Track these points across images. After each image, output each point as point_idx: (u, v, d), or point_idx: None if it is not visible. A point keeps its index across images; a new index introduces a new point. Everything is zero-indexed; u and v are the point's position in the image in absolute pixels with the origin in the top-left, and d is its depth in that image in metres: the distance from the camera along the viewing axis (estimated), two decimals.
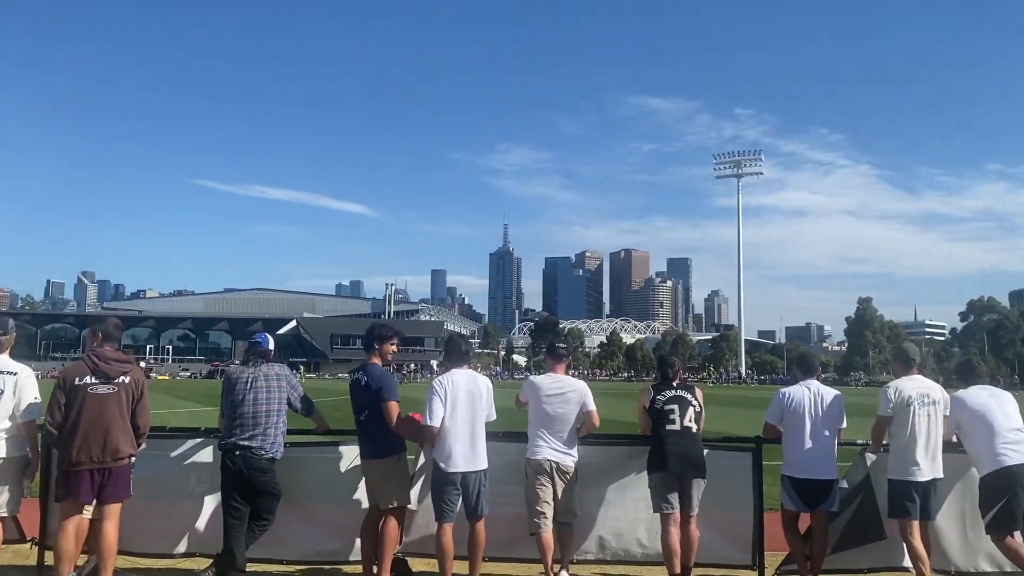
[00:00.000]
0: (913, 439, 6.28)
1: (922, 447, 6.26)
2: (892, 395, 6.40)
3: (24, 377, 6.15)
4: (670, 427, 6.47)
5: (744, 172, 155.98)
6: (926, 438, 6.28)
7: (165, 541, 6.83)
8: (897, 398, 6.37)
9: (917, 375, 6.60)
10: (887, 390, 6.48)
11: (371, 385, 6.40)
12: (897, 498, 6.27)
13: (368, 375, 6.46)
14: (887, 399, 6.40)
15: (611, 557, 6.86)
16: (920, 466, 6.23)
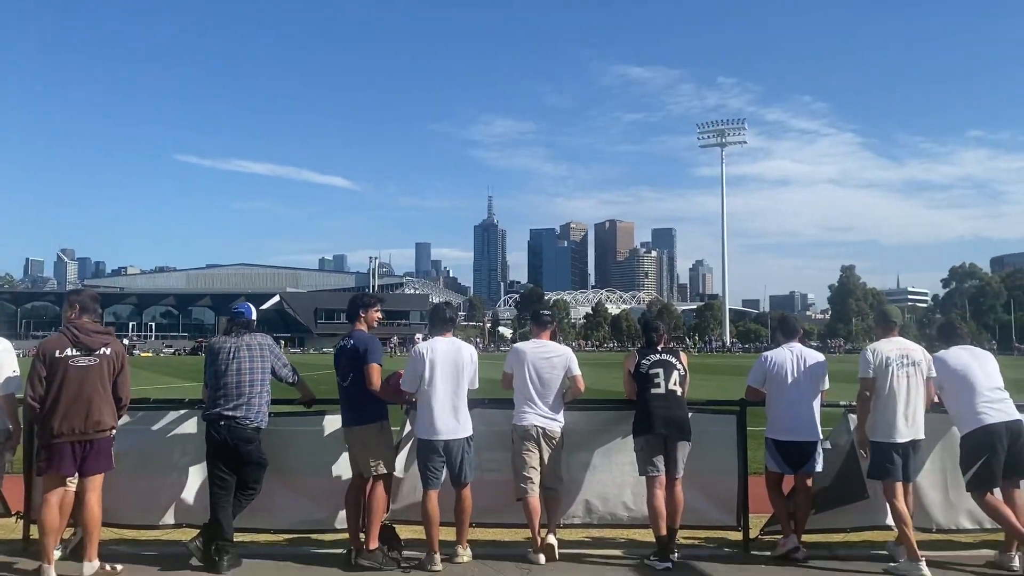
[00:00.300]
0: (893, 401, 6.30)
1: (902, 408, 6.29)
2: (872, 357, 6.42)
3: (2, 351, 6.09)
4: (655, 391, 6.50)
5: (728, 141, 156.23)
6: (906, 399, 6.30)
7: (151, 513, 6.81)
8: (877, 360, 6.39)
9: (898, 337, 6.63)
10: (867, 352, 6.51)
11: (357, 348, 6.44)
12: (878, 459, 6.30)
13: (354, 339, 6.50)
14: (867, 361, 6.43)
15: (598, 521, 6.92)
16: (900, 428, 6.27)
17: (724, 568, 6.24)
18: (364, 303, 6.72)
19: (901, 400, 6.29)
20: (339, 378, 6.50)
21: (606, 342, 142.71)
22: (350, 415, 6.43)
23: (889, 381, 6.31)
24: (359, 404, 6.38)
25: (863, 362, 6.46)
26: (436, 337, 6.60)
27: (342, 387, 6.48)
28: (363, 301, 6.74)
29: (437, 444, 6.31)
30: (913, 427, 6.30)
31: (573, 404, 6.91)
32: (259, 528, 6.85)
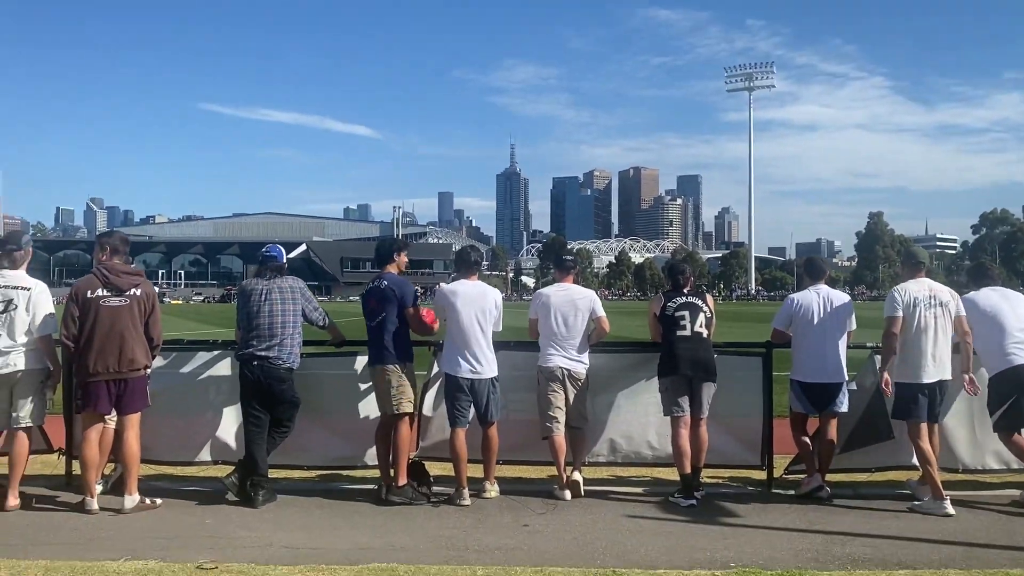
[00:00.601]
0: (920, 341, 6.25)
1: (929, 349, 6.24)
2: (899, 297, 6.35)
3: (38, 292, 6.22)
4: (681, 333, 6.52)
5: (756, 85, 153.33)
6: (933, 340, 6.25)
7: (188, 450, 7.01)
8: (905, 300, 6.32)
9: (925, 278, 6.57)
10: (895, 292, 6.44)
11: (392, 290, 6.53)
12: (904, 400, 6.29)
13: (389, 281, 6.59)
14: (895, 301, 6.36)
15: (622, 459, 7.02)
16: (927, 368, 6.23)
17: (748, 506, 6.33)
18: (398, 246, 6.86)
19: (928, 341, 6.24)
20: (367, 317, 6.58)
21: (629, 291, 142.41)
22: (377, 354, 6.52)
23: (916, 321, 6.26)
24: (387, 344, 6.47)
25: (890, 302, 6.41)
26: (463, 279, 6.68)
27: (370, 326, 6.56)
28: (397, 245, 6.88)
29: (463, 382, 6.42)
30: (940, 368, 6.27)
31: (598, 346, 6.97)
32: (292, 465, 7.03)
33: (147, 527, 5.71)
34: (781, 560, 4.97)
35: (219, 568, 4.71)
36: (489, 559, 4.98)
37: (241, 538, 5.48)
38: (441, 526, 5.78)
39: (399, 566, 4.76)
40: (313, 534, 5.58)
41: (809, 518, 5.99)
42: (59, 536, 5.51)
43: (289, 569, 4.70)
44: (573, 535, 5.59)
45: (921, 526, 5.78)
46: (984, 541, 5.42)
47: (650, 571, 4.71)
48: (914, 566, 4.86)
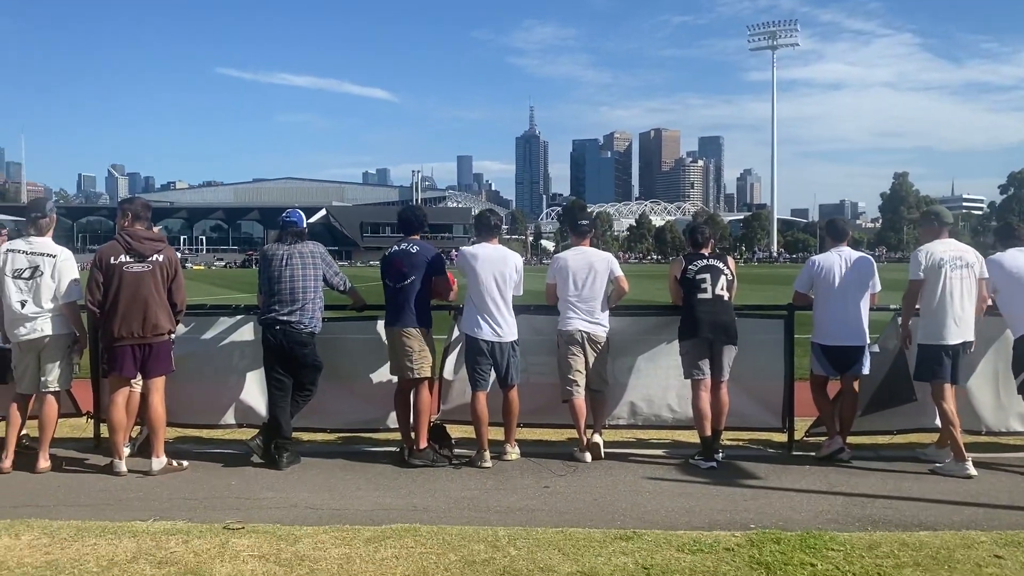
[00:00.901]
0: (944, 302, 6.17)
1: (954, 310, 6.17)
2: (923, 258, 6.26)
3: (63, 259, 6.28)
4: (702, 296, 6.48)
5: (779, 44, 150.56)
6: (959, 301, 6.18)
7: (214, 413, 7.12)
8: (929, 261, 6.23)
9: (949, 239, 6.47)
10: (918, 253, 6.34)
11: (424, 254, 6.57)
12: (928, 362, 6.22)
13: (420, 246, 6.62)
14: (918, 262, 6.28)
15: (642, 422, 7.04)
16: (950, 329, 6.16)
17: (768, 468, 6.34)
18: (425, 219, 7.01)
19: (953, 302, 6.16)
20: (391, 280, 6.57)
21: (649, 254, 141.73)
22: (398, 316, 6.52)
23: (941, 283, 6.17)
24: (411, 307, 6.48)
25: (914, 262, 6.33)
26: (483, 243, 6.70)
27: (394, 288, 6.54)
28: (426, 217, 7.05)
29: (483, 345, 6.44)
30: (964, 329, 6.20)
31: (619, 309, 6.96)
32: (316, 428, 7.13)
33: (174, 488, 5.83)
34: (801, 521, 4.99)
35: (245, 528, 4.80)
36: (510, 520, 5.04)
37: (266, 499, 5.58)
38: (462, 487, 5.85)
39: (421, 526, 4.82)
40: (336, 495, 5.67)
41: (830, 480, 6.00)
42: (89, 497, 5.63)
43: (313, 529, 4.78)
44: (593, 496, 5.63)
45: (942, 488, 5.77)
46: (1006, 503, 5.41)
47: (670, 532, 4.75)
48: (935, 527, 4.86)
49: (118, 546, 4.50)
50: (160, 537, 4.65)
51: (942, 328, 6.17)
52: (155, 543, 4.55)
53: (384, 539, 4.60)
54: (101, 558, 4.33)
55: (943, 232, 6.47)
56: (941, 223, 6.52)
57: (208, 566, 4.22)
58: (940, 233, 6.45)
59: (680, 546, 4.48)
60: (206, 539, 4.62)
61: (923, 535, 4.69)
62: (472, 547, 4.48)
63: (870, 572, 4.12)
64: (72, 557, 4.34)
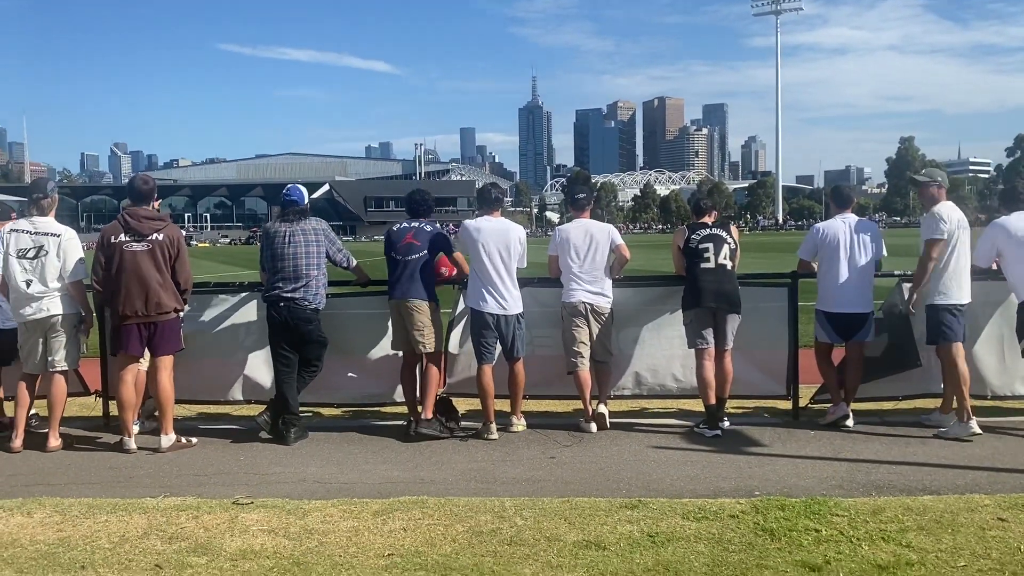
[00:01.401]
0: (960, 263, 6.23)
1: (967, 271, 6.26)
2: (947, 220, 6.21)
3: (68, 238, 6.30)
4: (705, 265, 6.47)
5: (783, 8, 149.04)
6: (967, 261, 6.27)
7: (221, 390, 7.17)
8: (952, 222, 6.22)
9: (948, 201, 6.44)
10: (939, 213, 6.25)
11: (441, 234, 6.74)
12: (948, 323, 6.17)
13: (430, 225, 6.74)
14: (942, 221, 6.19)
15: (647, 392, 7.07)
16: (964, 288, 6.24)
17: (773, 435, 6.37)
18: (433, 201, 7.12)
19: (966, 263, 6.26)
20: (399, 253, 6.56)
21: (655, 224, 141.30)
22: (407, 289, 6.50)
23: (955, 243, 6.21)
24: (420, 280, 6.51)
25: (934, 224, 6.23)
26: (486, 216, 6.70)
27: (402, 260, 6.54)
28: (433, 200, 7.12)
29: (488, 318, 6.45)
30: (969, 288, 6.30)
31: (622, 281, 6.96)
32: (323, 403, 7.19)
33: (184, 465, 5.88)
34: (806, 488, 5.02)
35: (254, 503, 4.85)
36: (516, 490, 5.08)
37: (275, 474, 5.63)
38: (469, 459, 5.89)
39: (428, 499, 4.86)
40: (344, 469, 5.72)
41: (834, 446, 6.02)
42: (99, 475, 5.69)
43: (322, 503, 4.83)
44: (599, 466, 5.67)
45: (946, 452, 5.80)
46: (1010, 466, 5.42)
47: (675, 500, 4.78)
48: (939, 491, 4.88)
49: (129, 522, 4.56)
50: (170, 513, 4.70)
51: (960, 288, 6.23)
52: (165, 519, 4.60)
53: (392, 511, 4.64)
54: (112, 534, 4.38)
55: (943, 193, 6.45)
56: (941, 185, 6.51)
57: (218, 541, 4.27)
58: (943, 195, 6.44)
59: (685, 514, 4.52)
60: (216, 514, 4.67)
61: (927, 499, 4.71)
62: (479, 517, 4.52)
63: (874, 537, 4.15)
64: (84, 534, 4.40)
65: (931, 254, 6.20)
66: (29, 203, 6.43)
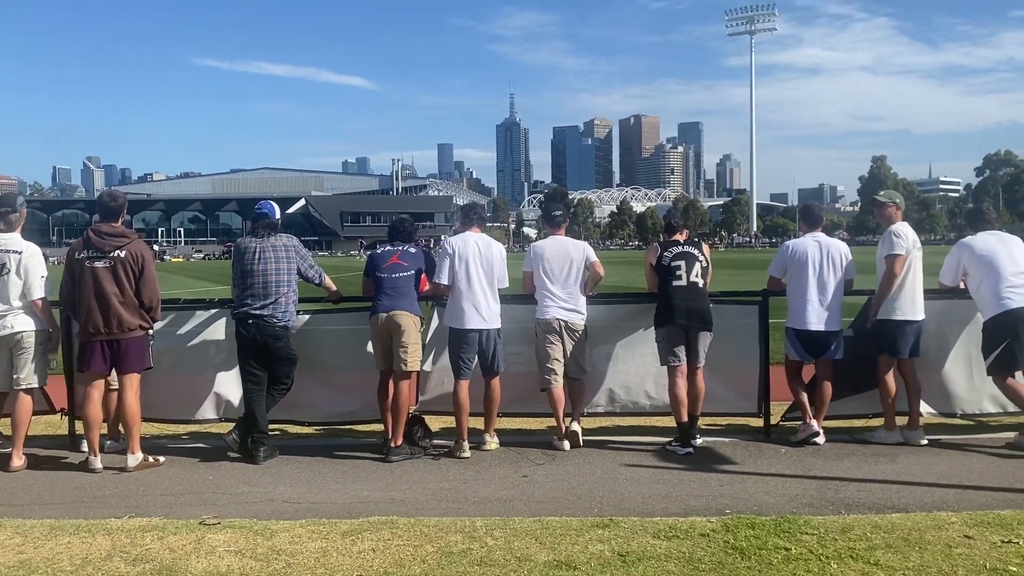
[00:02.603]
0: (915, 280, 6.50)
1: (919, 289, 6.53)
2: (905, 235, 6.50)
3: (29, 255, 6.19)
4: (676, 283, 6.50)
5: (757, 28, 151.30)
6: (920, 280, 6.54)
7: (190, 408, 7.06)
8: (909, 239, 6.50)
9: None
10: (899, 230, 6.50)
11: (427, 254, 6.77)
12: (903, 337, 6.47)
13: (418, 247, 6.81)
14: (901, 239, 6.46)
15: (620, 409, 7.08)
16: (918, 305, 6.51)
17: (744, 452, 6.39)
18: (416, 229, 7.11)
19: (919, 279, 6.51)
20: (386, 272, 6.51)
21: (631, 241, 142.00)
22: (395, 302, 6.43)
23: (911, 261, 6.46)
24: (409, 294, 6.50)
25: (893, 241, 6.48)
26: (467, 232, 6.72)
27: (391, 277, 6.49)
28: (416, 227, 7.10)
29: (470, 334, 6.45)
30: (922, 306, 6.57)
31: (596, 297, 6.98)
32: (294, 420, 7.12)
33: (150, 484, 5.79)
34: (776, 506, 5.03)
35: (221, 523, 4.78)
36: (488, 510, 5.05)
37: (243, 493, 5.55)
38: (441, 479, 5.85)
39: (398, 519, 4.82)
40: (314, 488, 5.65)
41: (805, 464, 6.05)
42: (64, 495, 5.58)
43: (290, 523, 4.76)
44: (571, 484, 5.65)
45: (915, 470, 5.85)
46: (977, 483, 5.48)
47: (646, 519, 4.77)
48: (907, 509, 4.92)
49: (92, 544, 4.47)
50: (135, 534, 4.62)
51: (916, 304, 6.48)
52: (130, 540, 4.52)
53: (361, 532, 4.59)
54: (75, 557, 4.29)
55: (900, 214, 6.72)
56: (899, 206, 6.74)
57: (183, 563, 4.19)
58: (899, 215, 6.69)
59: (656, 532, 4.51)
60: (182, 535, 4.59)
61: (895, 517, 4.74)
62: (449, 538, 4.48)
63: (843, 555, 4.16)
64: (45, 556, 4.30)
65: (894, 269, 6.41)
66: None
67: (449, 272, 6.51)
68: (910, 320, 6.46)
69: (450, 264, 6.52)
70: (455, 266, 6.50)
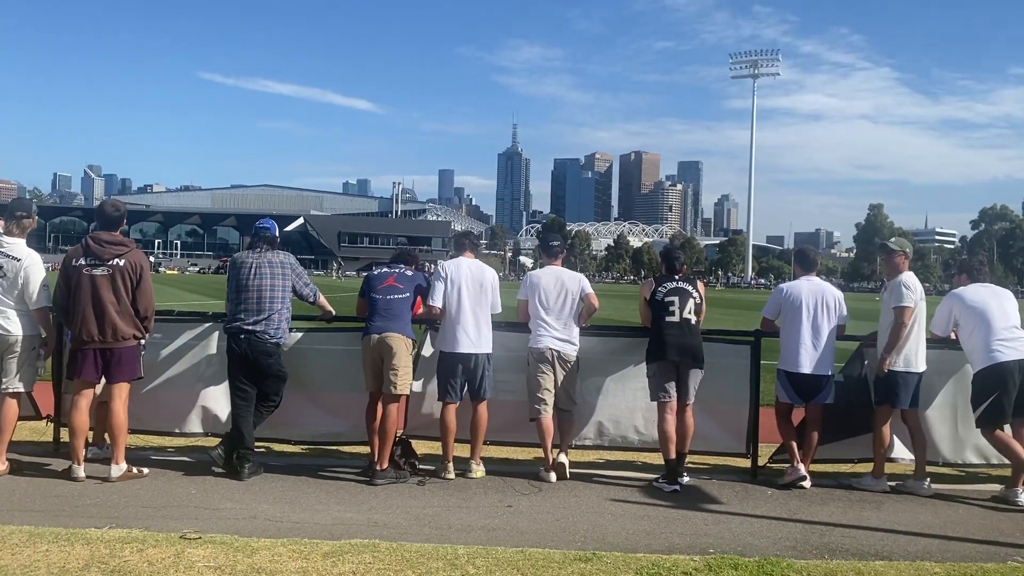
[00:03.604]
0: (921, 331, 6.50)
1: (923, 340, 6.51)
2: (914, 287, 6.50)
3: (29, 263, 6.16)
4: (670, 319, 6.53)
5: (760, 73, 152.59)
6: (924, 332, 6.52)
7: (176, 421, 7.02)
8: (918, 291, 6.51)
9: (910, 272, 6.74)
10: (906, 281, 6.51)
11: (418, 277, 6.77)
12: (906, 388, 6.44)
13: (414, 271, 6.83)
14: (911, 289, 6.46)
15: (608, 443, 7.06)
16: (921, 358, 6.49)
17: (730, 493, 6.38)
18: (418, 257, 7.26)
19: (923, 331, 6.51)
20: (381, 293, 6.53)
21: (627, 275, 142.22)
22: (388, 323, 6.43)
23: (917, 312, 6.48)
24: (402, 317, 6.51)
25: (903, 292, 6.45)
26: (460, 258, 6.78)
27: (385, 299, 6.51)
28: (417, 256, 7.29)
29: (460, 357, 6.48)
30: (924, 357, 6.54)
31: (589, 330, 7.00)
32: (280, 438, 7.09)
33: (132, 496, 5.75)
34: (760, 548, 5.02)
35: (202, 538, 4.74)
36: (471, 538, 5.02)
37: (225, 509, 5.51)
38: (425, 504, 5.82)
39: (380, 542, 4.79)
40: (297, 507, 5.62)
41: (790, 507, 6.04)
42: (44, 503, 5.54)
43: (271, 541, 4.73)
44: (555, 516, 5.63)
45: (900, 518, 5.83)
46: (961, 534, 5.47)
47: (629, 554, 4.75)
48: (890, 557, 4.91)
49: (70, 553, 4.43)
50: (114, 545, 4.58)
51: (919, 356, 6.49)
52: (109, 551, 4.48)
53: (342, 554, 4.56)
54: (52, 565, 4.26)
55: (907, 264, 6.72)
56: (908, 256, 6.74)
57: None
58: (906, 265, 6.70)
59: (639, 569, 4.49)
60: (161, 548, 4.56)
61: (878, 565, 4.73)
62: (430, 564, 4.46)
63: None
64: (23, 564, 4.26)
65: (904, 320, 6.39)
66: (9, 219, 6.27)
67: (442, 296, 6.56)
68: (912, 371, 6.44)
69: (443, 288, 6.57)
70: (448, 290, 6.56)
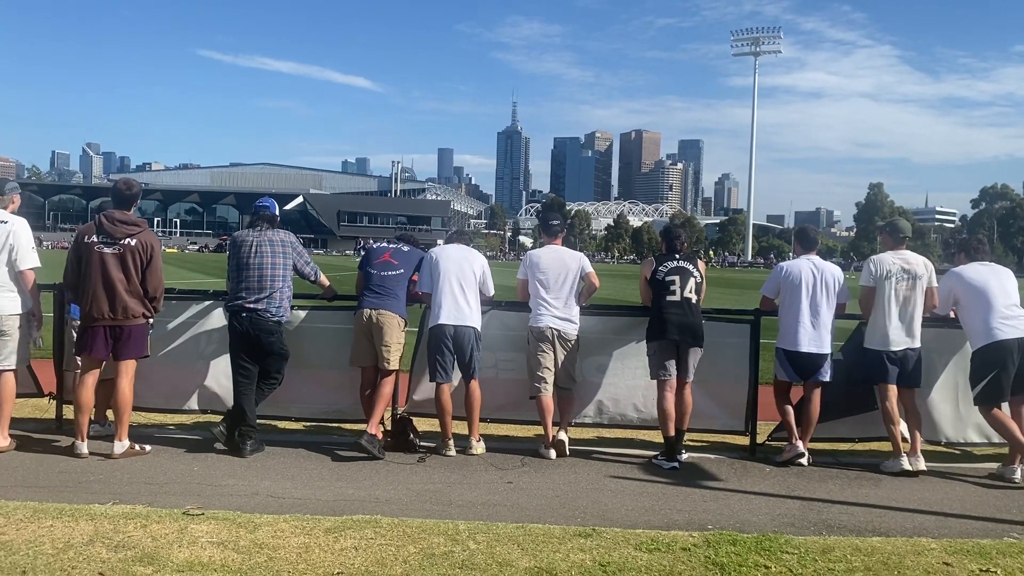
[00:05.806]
0: (888, 310, 6.48)
1: (896, 319, 6.48)
2: (873, 268, 6.60)
3: (18, 227, 6.16)
4: (670, 298, 6.54)
5: (762, 50, 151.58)
6: (900, 310, 6.48)
7: (179, 399, 7.08)
8: (877, 271, 6.56)
9: (905, 250, 6.70)
10: (869, 263, 6.68)
11: (415, 254, 6.87)
12: (874, 366, 6.51)
13: (411, 248, 6.95)
14: (869, 272, 6.61)
15: (608, 421, 7.10)
16: (892, 337, 6.47)
17: (728, 470, 6.42)
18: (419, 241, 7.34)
19: (895, 310, 6.48)
20: (380, 268, 6.65)
21: (626, 254, 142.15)
22: (382, 300, 6.54)
23: (887, 292, 6.48)
24: (396, 295, 6.59)
25: (864, 272, 6.65)
26: (450, 244, 6.92)
27: (380, 275, 6.62)
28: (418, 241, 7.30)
29: (445, 329, 6.51)
30: (910, 336, 6.50)
31: (589, 309, 7.01)
32: (282, 416, 7.13)
33: (135, 472, 5.79)
34: (758, 524, 5.06)
35: (205, 514, 4.78)
36: (471, 514, 5.06)
37: (228, 486, 5.55)
38: (426, 480, 5.86)
39: (382, 518, 4.83)
40: (299, 484, 5.66)
41: (788, 484, 6.08)
42: (48, 479, 5.58)
43: (273, 518, 4.77)
44: (555, 493, 5.67)
45: (897, 495, 5.87)
46: (958, 511, 5.51)
47: (628, 530, 4.79)
48: (887, 533, 4.95)
49: (75, 528, 4.47)
50: (118, 521, 4.62)
51: (885, 335, 6.51)
52: (113, 527, 4.52)
53: (344, 529, 4.60)
54: (57, 540, 4.29)
55: (901, 244, 6.74)
56: (899, 237, 6.76)
57: (165, 551, 4.20)
58: (898, 245, 6.73)
59: (638, 544, 4.53)
60: (165, 524, 4.60)
61: (875, 541, 4.77)
62: (431, 540, 4.50)
63: (822, 575, 4.19)
64: (27, 539, 4.30)
65: (859, 299, 6.56)
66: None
67: (429, 279, 6.68)
68: (886, 350, 6.47)
69: (429, 271, 6.68)
70: (432, 271, 6.66)
